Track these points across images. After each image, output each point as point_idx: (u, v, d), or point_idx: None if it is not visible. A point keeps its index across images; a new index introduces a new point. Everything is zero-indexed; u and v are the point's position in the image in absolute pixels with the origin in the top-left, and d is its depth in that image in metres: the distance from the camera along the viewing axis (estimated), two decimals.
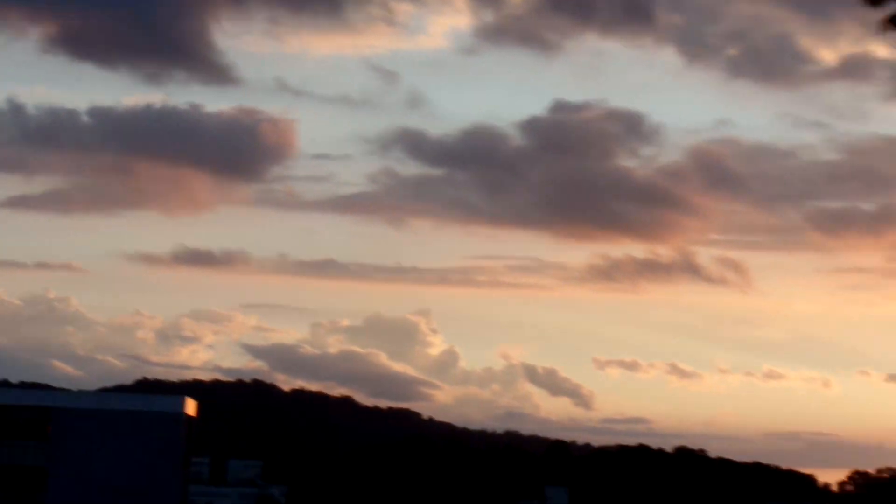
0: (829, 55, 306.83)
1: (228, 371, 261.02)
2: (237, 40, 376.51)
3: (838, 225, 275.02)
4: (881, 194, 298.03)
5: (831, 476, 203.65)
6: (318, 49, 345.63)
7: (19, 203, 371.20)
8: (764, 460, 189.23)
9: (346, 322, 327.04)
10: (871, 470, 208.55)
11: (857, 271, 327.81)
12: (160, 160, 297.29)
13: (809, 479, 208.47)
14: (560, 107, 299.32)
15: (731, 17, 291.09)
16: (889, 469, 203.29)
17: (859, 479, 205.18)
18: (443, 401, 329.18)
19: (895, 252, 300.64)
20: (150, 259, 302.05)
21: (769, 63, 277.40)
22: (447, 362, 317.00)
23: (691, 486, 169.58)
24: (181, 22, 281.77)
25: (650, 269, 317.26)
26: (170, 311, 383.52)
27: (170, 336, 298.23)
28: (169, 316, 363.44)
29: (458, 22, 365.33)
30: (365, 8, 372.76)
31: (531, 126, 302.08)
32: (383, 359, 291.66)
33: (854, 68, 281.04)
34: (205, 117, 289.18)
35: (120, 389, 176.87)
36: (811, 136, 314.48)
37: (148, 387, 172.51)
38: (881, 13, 9.02)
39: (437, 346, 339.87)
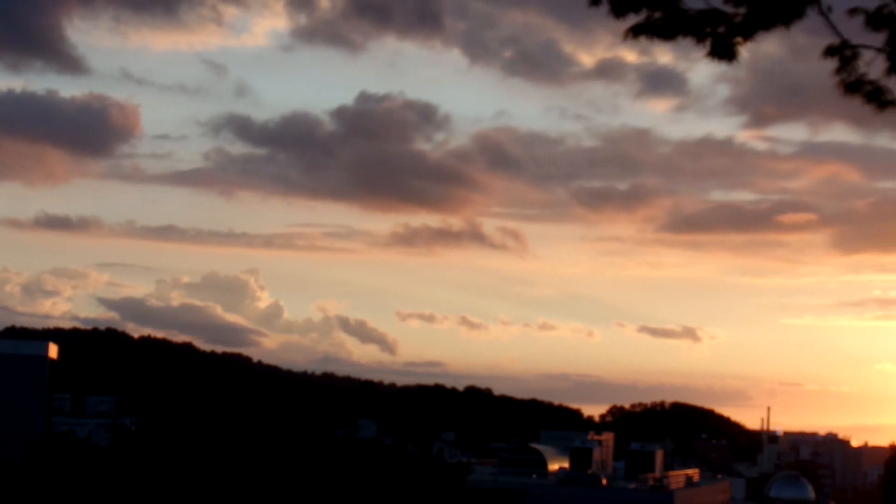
0: (587, 59, 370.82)
1: (85, 320, 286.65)
2: (87, 35, 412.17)
3: (598, 201, 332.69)
4: (632, 176, 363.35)
5: (595, 410, 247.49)
6: (157, 44, 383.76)
7: None
8: (539, 397, 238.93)
9: (186, 279, 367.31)
10: (627, 405, 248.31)
11: (614, 240, 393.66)
12: (22, 139, 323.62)
13: (577, 413, 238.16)
14: (365, 98, 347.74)
15: (507, 24, 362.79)
16: (640, 404, 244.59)
17: (617, 412, 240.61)
18: (269, 347, 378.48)
19: (645, 224, 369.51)
20: (15, 224, 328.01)
21: (539, 64, 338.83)
22: (273, 314, 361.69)
23: (480, 419, 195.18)
24: (38, 18, 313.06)
25: (443, 237, 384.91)
26: (33, 269, 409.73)
27: (34, 290, 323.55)
28: (33, 273, 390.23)
29: (277, 23, 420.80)
30: (197, 10, 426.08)
31: (341, 114, 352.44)
32: (219, 310, 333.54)
33: (608, 70, 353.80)
34: (60, 102, 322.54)
35: None
36: (575, 126, 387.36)
37: (16, 334, 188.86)
38: (626, 24, 7.27)
39: (264, 300, 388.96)
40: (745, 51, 6.68)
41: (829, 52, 6.89)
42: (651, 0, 6.95)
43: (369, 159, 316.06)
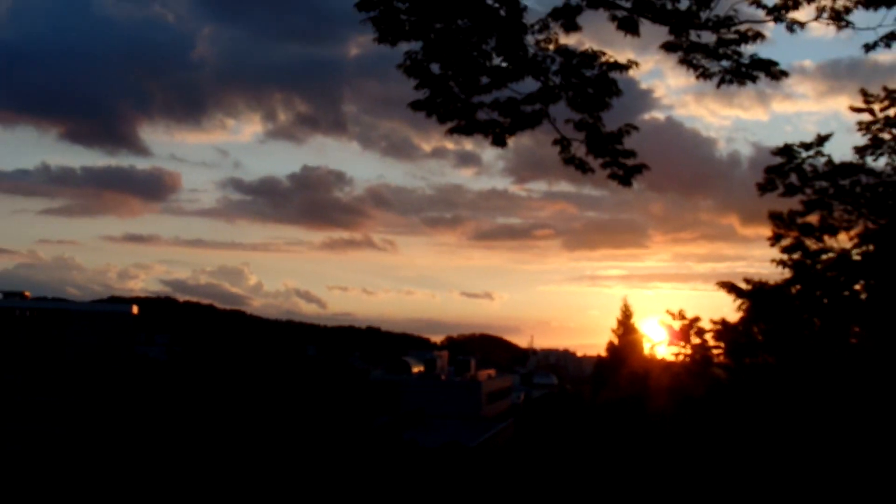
0: (426, 146, 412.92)
1: (152, 292, 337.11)
2: (151, 134, 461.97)
3: (435, 224, 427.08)
4: (454, 210, 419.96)
5: (437, 338, 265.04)
6: (190, 139, 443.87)
7: None
8: (407, 332, 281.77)
9: (208, 269, 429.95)
10: (455, 335, 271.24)
11: (445, 244, 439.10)
12: (115, 192, 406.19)
13: (427, 340, 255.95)
14: (306, 168, 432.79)
15: (383, 128, 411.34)
16: (461, 335, 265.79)
17: (448, 340, 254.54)
18: (256, 305, 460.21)
19: (461, 236, 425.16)
20: (111, 238, 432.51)
21: (400, 150, 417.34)
22: (257, 287, 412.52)
23: (374, 345, 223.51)
24: (124, 125, 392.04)
25: (351, 244, 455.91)
26: (124, 263, 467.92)
27: (124, 276, 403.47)
28: (123, 266, 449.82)
29: (256, 128, 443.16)
30: (211, 121, 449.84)
31: (293, 177, 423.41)
32: (226, 286, 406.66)
33: (438, 152, 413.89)
34: (138, 171, 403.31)
35: None
36: (421, 183, 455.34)
37: (114, 300, 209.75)
38: (446, 127, 11.47)
39: (252, 279, 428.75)
40: (511, 141, 11.33)
41: (556, 142, 11.03)
42: (459, 113, 11.17)
43: (310, 201, 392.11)
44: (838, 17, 8.75)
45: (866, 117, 23.07)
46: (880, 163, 23.28)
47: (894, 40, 9.24)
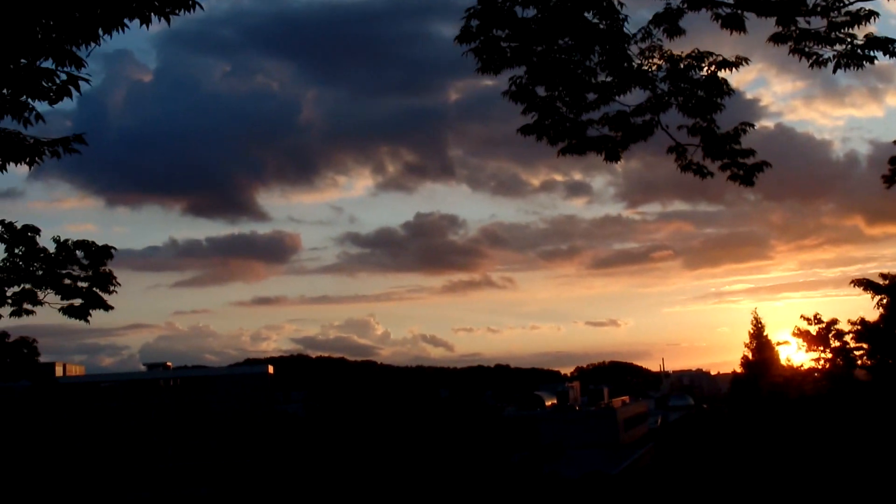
0: (535, 181, 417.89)
1: (285, 351, 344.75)
2: (268, 199, 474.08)
3: (551, 256, 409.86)
4: (569, 241, 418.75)
5: (567, 370, 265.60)
6: (305, 200, 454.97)
7: None
8: (536, 367, 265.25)
9: (336, 323, 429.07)
10: (584, 365, 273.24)
11: (564, 276, 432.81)
12: (255, 259, 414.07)
13: (557, 373, 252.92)
14: (419, 216, 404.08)
15: (491, 168, 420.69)
16: (591, 364, 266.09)
17: (579, 370, 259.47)
18: (385, 354, 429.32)
19: (580, 265, 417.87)
20: (241, 303, 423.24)
21: (509, 188, 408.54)
22: (385, 336, 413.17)
23: (504, 382, 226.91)
24: (243, 194, 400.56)
25: (471, 285, 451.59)
26: (255, 326, 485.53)
27: (257, 338, 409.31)
28: (255, 328, 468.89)
29: (367, 182, 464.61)
30: (323, 181, 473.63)
31: (407, 225, 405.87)
32: (355, 337, 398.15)
33: (547, 185, 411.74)
34: (258, 236, 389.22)
35: None
36: (533, 217, 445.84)
37: (250, 362, 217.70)
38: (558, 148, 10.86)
39: (379, 329, 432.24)
40: (620, 167, 11.23)
41: (671, 150, 10.84)
42: (569, 133, 11.21)
43: (426, 247, 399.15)
44: None
45: None
46: None
47: None
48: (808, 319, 29.64)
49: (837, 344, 28.89)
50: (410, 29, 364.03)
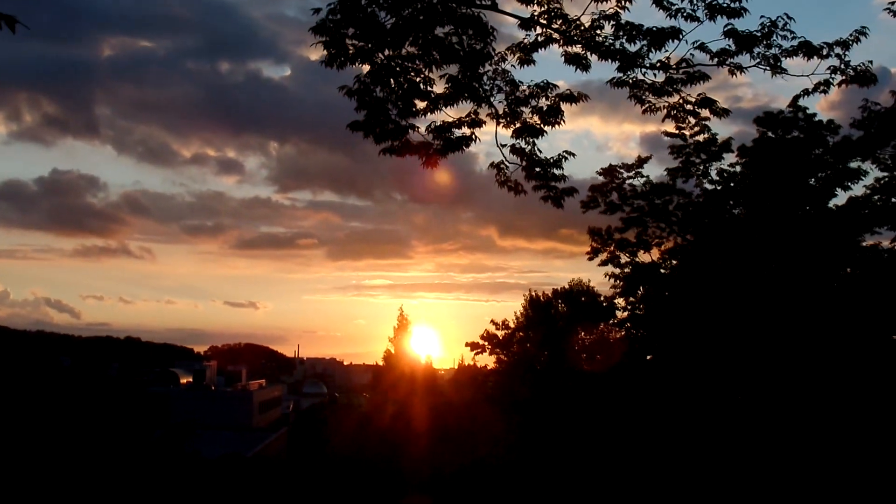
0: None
1: None
2: None
3: (196, 232, 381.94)
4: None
5: (201, 349, 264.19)
6: None
7: None
8: (170, 342, 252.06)
9: None
10: (219, 345, 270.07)
11: (206, 252, 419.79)
12: None
13: (191, 350, 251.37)
14: None
15: None
16: (227, 345, 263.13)
17: (213, 350, 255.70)
18: None
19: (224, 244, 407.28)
20: None
21: None
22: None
23: (135, 356, 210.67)
24: None
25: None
26: None
27: None
28: None
29: None
30: None
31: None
32: None
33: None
34: None
35: None
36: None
37: None
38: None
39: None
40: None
41: (493, 165, 11.72)
42: (393, 134, 11.98)
43: (60, 207, 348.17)
44: (775, 65, 9.93)
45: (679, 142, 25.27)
46: (690, 184, 25.56)
47: (827, 88, 10.52)
48: (496, 324, 32.49)
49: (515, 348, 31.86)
50: None
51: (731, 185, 24.84)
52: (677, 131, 24.29)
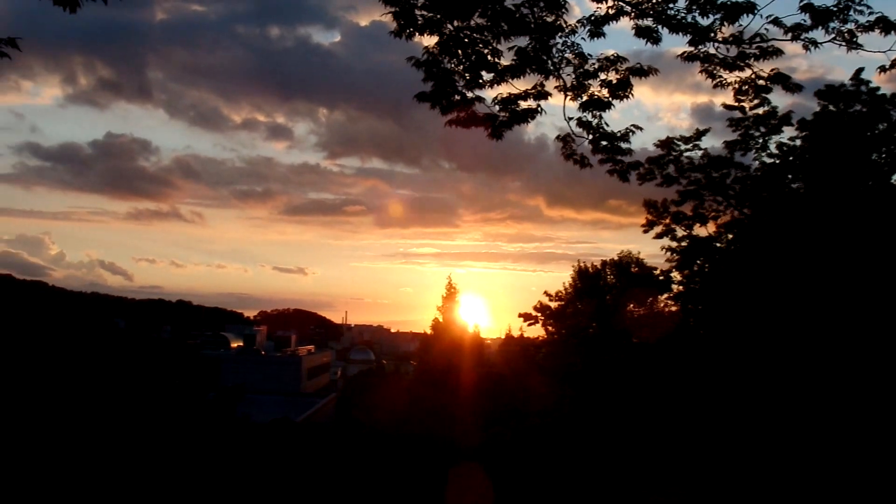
0: None
1: None
2: None
3: (245, 197, 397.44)
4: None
5: (251, 313, 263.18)
6: None
7: None
8: (221, 306, 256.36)
9: None
10: (269, 310, 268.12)
11: (256, 218, 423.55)
12: None
13: (240, 315, 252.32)
14: None
15: None
16: (276, 310, 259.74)
17: (263, 314, 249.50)
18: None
19: (270, 209, 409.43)
20: None
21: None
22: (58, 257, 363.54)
23: (187, 319, 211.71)
24: None
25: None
26: None
27: None
28: None
29: None
30: None
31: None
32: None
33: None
34: None
35: None
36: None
37: None
38: None
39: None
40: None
41: (559, 138, 12.05)
42: (461, 105, 12.09)
43: (114, 170, 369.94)
44: (850, 41, 9.80)
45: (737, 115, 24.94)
46: (748, 158, 25.27)
47: None
48: (549, 296, 32.56)
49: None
50: None
51: (791, 158, 24.53)
52: (736, 104, 23.95)
